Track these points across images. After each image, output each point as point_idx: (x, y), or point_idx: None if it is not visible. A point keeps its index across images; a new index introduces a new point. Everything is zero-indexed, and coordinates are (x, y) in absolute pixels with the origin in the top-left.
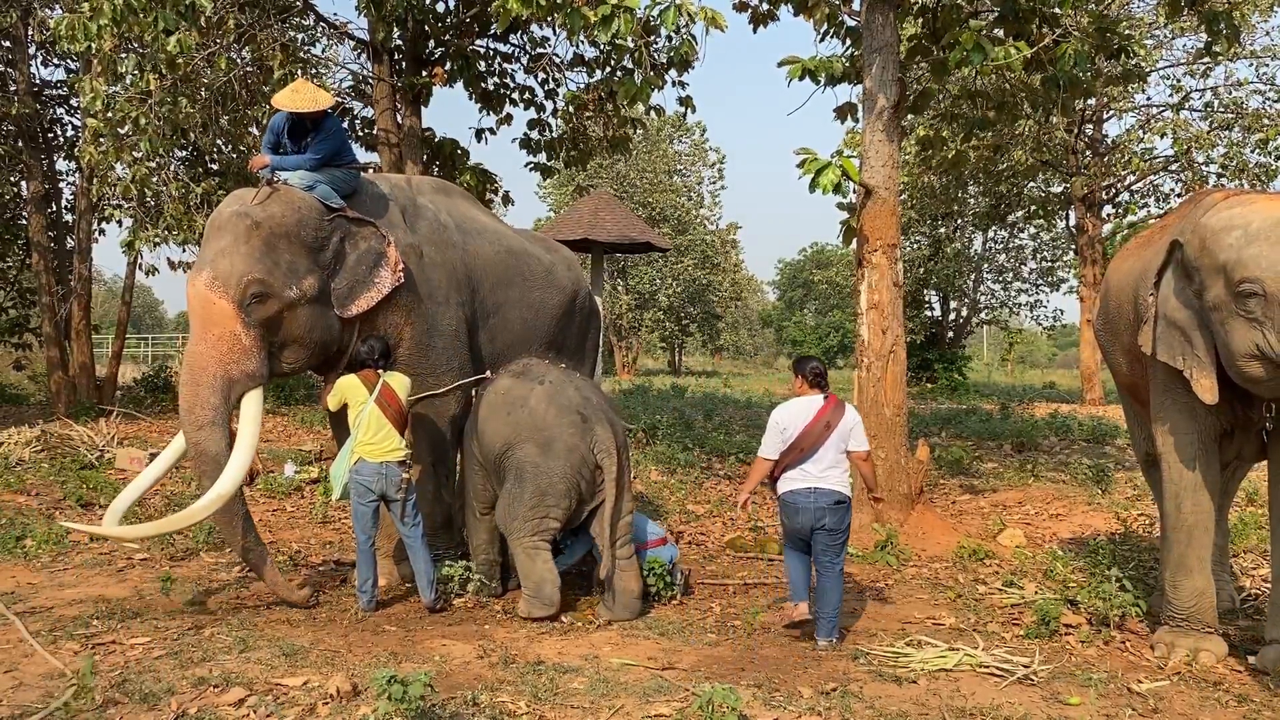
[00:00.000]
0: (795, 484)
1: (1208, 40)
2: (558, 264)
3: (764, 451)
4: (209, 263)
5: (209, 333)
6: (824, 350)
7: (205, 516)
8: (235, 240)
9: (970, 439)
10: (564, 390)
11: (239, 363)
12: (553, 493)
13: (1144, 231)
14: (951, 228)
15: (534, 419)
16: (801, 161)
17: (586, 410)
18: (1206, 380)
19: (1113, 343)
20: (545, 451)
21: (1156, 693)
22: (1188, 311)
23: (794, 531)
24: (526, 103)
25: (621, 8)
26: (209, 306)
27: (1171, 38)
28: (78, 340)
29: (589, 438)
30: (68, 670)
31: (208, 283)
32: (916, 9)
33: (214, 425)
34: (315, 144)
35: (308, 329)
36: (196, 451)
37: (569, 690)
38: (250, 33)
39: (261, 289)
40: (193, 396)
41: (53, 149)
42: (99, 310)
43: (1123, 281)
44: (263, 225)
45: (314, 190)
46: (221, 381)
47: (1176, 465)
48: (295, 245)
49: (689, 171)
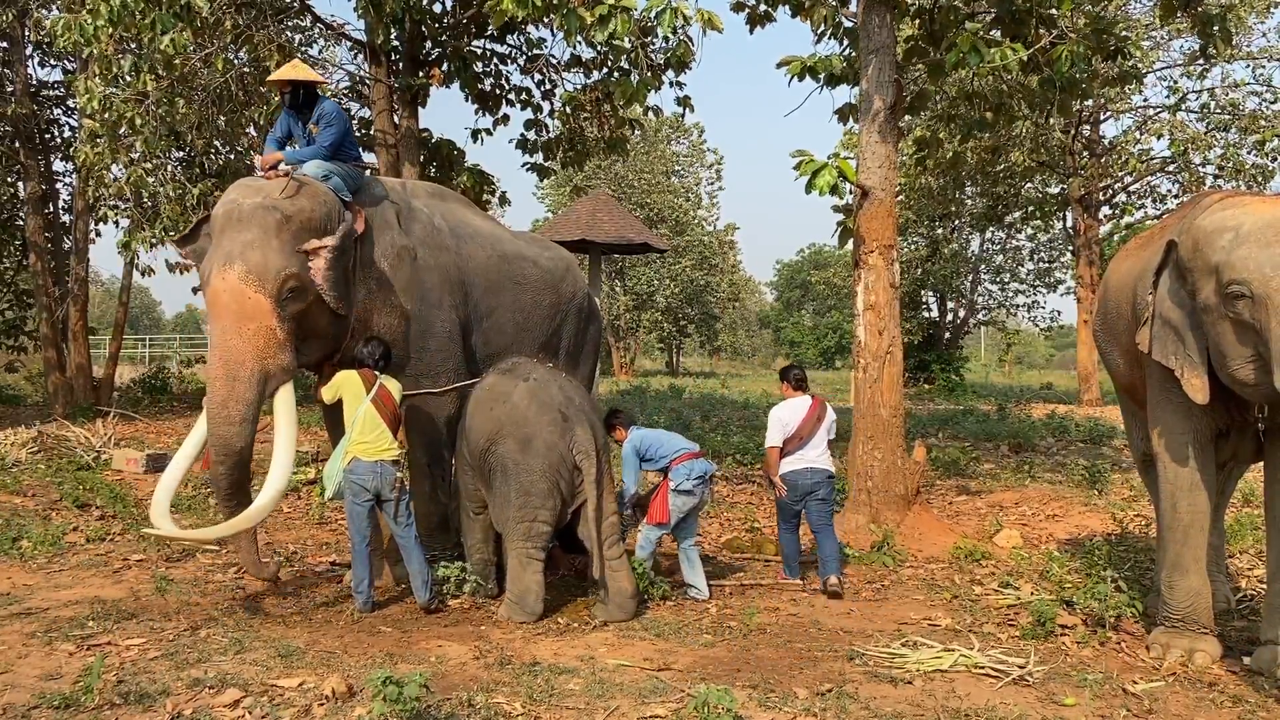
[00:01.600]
0: (795, 465)
1: (1201, 44)
2: (555, 267)
3: (772, 441)
4: (239, 255)
5: (245, 327)
6: (821, 351)
7: (267, 514)
8: (265, 233)
9: (967, 440)
10: (547, 388)
11: (275, 357)
12: (535, 492)
13: (1144, 232)
14: (949, 229)
15: (515, 415)
16: (798, 163)
17: (568, 410)
18: (1197, 380)
19: (1111, 343)
20: (525, 448)
21: (1152, 694)
22: (1181, 311)
23: (791, 505)
24: (523, 103)
25: (619, 8)
26: (244, 300)
27: (1168, 39)
28: (75, 341)
29: (568, 437)
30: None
31: (242, 276)
32: (914, 10)
33: (246, 422)
34: (321, 131)
35: (327, 323)
36: (223, 447)
37: (565, 691)
38: (247, 34)
39: (297, 283)
40: (228, 391)
41: (50, 150)
42: (96, 311)
43: (1121, 282)
44: (293, 219)
45: (329, 181)
46: (259, 376)
47: (1172, 465)
48: (321, 239)
49: (687, 172)
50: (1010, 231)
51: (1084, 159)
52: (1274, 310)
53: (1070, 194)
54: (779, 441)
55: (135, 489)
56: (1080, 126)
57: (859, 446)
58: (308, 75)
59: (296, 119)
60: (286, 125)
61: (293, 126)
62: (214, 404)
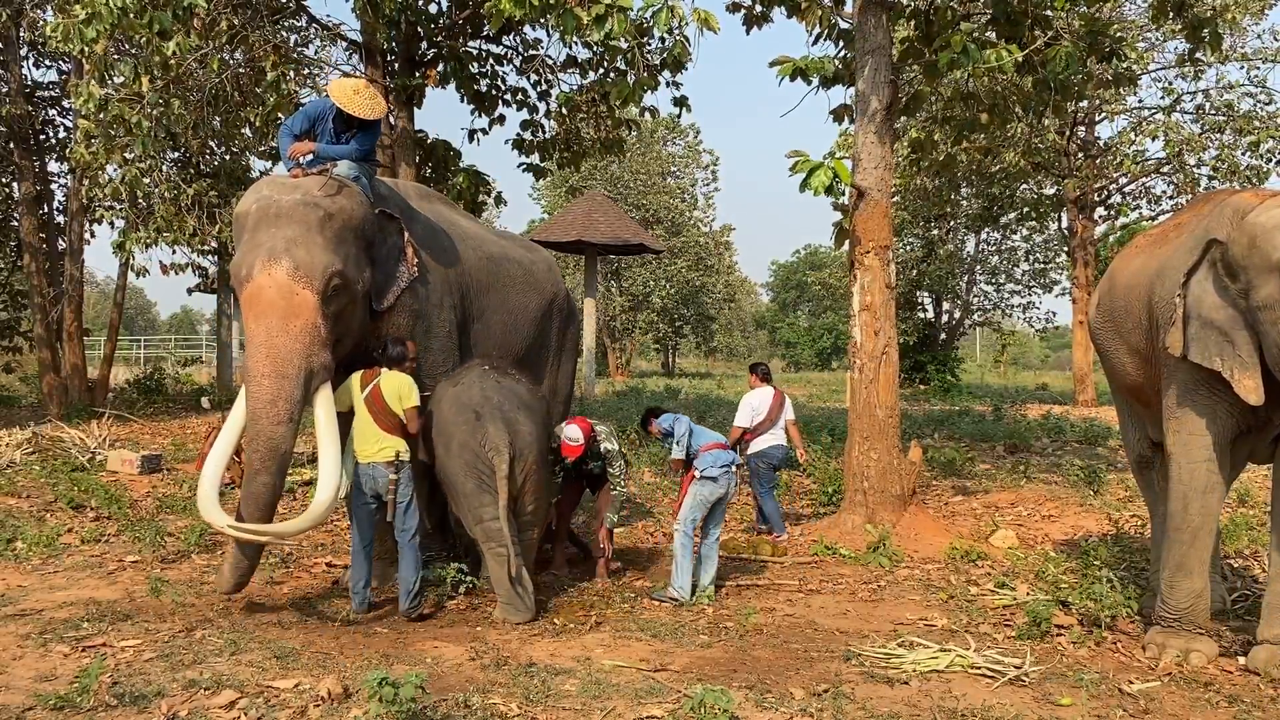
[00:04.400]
0: (769, 442)
1: (1190, 47)
2: (537, 267)
3: (740, 422)
4: (284, 252)
5: (292, 324)
6: (817, 352)
7: (326, 518)
8: (308, 230)
9: (963, 440)
10: (469, 390)
11: (319, 354)
12: (465, 490)
13: (1151, 230)
14: (944, 229)
15: (439, 420)
16: (794, 163)
17: (483, 409)
18: (1250, 381)
19: (1117, 342)
20: (446, 450)
21: (1148, 693)
22: (1229, 311)
23: (770, 472)
24: (519, 104)
25: (615, 8)
26: (292, 297)
27: (1163, 40)
28: (70, 342)
29: (479, 435)
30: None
31: (290, 273)
32: (909, 11)
33: (292, 421)
34: (361, 137)
35: (360, 322)
36: (270, 449)
37: (561, 692)
38: (243, 34)
39: (342, 280)
40: (276, 390)
41: (44, 150)
42: (91, 312)
43: (1132, 281)
44: (335, 217)
45: (358, 183)
46: (305, 374)
47: (1189, 467)
48: (359, 238)
49: (683, 173)
50: (1005, 232)
51: (1079, 160)
52: None
53: (1065, 195)
54: (747, 424)
55: (130, 490)
56: (1075, 128)
57: (855, 447)
58: (368, 114)
59: (336, 123)
60: (310, 121)
61: (319, 124)
62: (261, 402)
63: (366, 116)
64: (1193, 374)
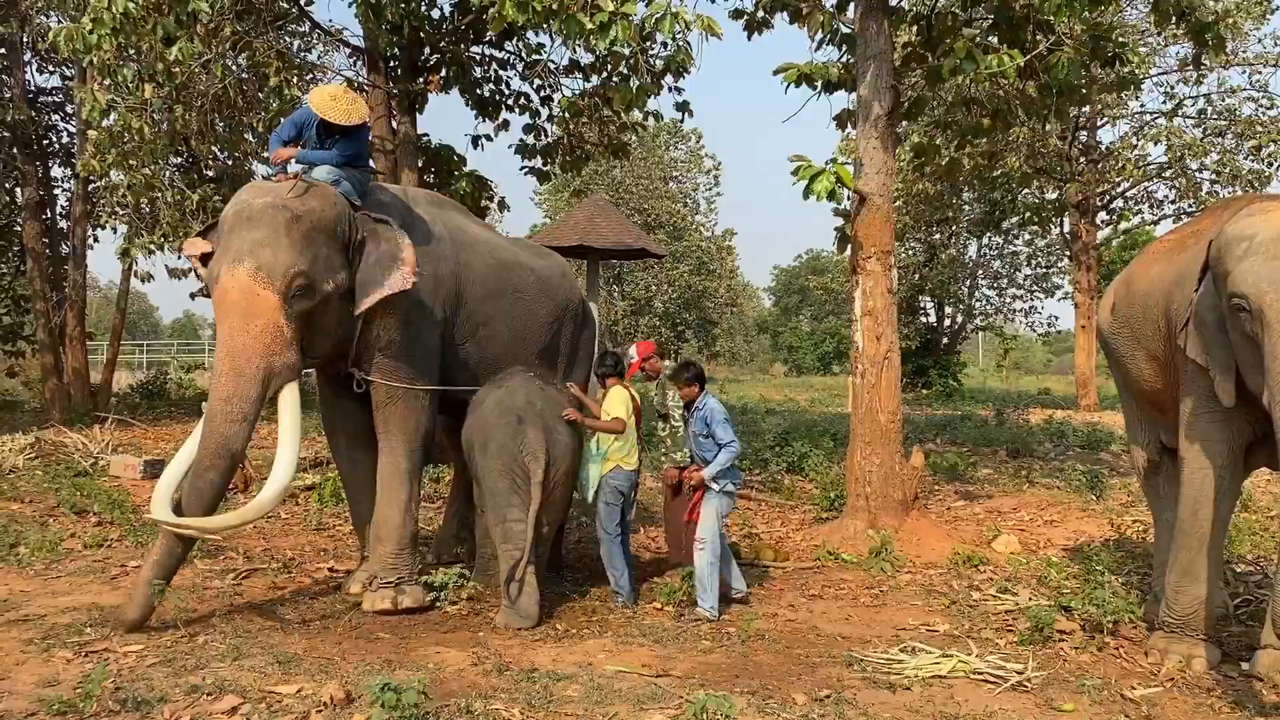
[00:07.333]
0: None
1: (1195, 52)
2: (551, 273)
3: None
4: (248, 253)
5: (252, 324)
6: (819, 356)
7: (272, 508)
8: (275, 232)
9: (965, 445)
10: (514, 395)
11: (281, 354)
12: (498, 491)
13: (1168, 236)
14: (946, 234)
15: (481, 420)
16: (796, 168)
17: (526, 414)
18: (1226, 384)
19: (1134, 349)
20: (484, 451)
21: (1150, 699)
22: (1214, 314)
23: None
24: (522, 108)
25: (619, 15)
26: (253, 298)
27: (1165, 45)
28: (72, 347)
29: (519, 439)
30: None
31: (251, 273)
32: (911, 16)
33: (246, 421)
34: (343, 142)
35: (335, 324)
36: (222, 447)
37: (563, 698)
38: (246, 40)
39: (305, 281)
40: (232, 388)
41: (47, 156)
42: (94, 317)
43: (1152, 287)
44: (303, 219)
45: (339, 186)
46: (264, 374)
47: (1201, 472)
48: (331, 240)
49: (685, 178)
50: (1007, 237)
51: (1081, 165)
52: (1268, 327)
53: (1067, 200)
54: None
55: (133, 495)
56: (1077, 132)
57: (857, 452)
58: (344, 119)
59: (320, 129)
60: (297, 128)
61: (306, 130)
62: (217, 400)
63: (342, 122)
64: (1206, 379)
